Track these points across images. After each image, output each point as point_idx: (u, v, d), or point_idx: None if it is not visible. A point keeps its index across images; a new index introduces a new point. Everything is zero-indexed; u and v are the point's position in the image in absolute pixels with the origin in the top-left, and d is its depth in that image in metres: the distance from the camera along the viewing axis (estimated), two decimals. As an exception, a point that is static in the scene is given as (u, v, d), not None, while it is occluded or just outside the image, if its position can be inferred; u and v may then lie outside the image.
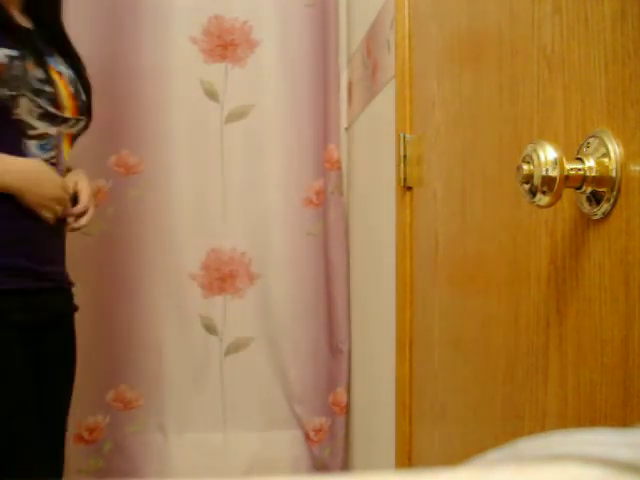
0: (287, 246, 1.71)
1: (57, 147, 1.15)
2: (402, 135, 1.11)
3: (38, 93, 1.09)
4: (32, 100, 1.08)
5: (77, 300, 1.28)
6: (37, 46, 1.13)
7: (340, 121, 1.73)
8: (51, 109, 1.11)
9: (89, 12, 1.63)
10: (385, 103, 1.30)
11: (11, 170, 1.08)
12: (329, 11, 1.69)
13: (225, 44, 1.71)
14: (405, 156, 1.10)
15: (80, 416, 1.61)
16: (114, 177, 1.65)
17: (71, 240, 1.28)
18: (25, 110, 1.07)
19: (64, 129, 1.16)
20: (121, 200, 1.66)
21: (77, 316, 1.29)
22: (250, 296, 1.72)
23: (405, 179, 1.11)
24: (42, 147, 1.12)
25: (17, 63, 1.06)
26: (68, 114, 1.16)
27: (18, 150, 1.09)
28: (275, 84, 1.72)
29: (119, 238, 1.66)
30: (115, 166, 1.66)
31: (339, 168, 1.71)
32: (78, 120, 1.20)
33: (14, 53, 1.05)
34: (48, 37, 1.20)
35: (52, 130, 1.13)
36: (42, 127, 1.11)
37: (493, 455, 0.24)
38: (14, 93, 1.05)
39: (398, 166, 1.12)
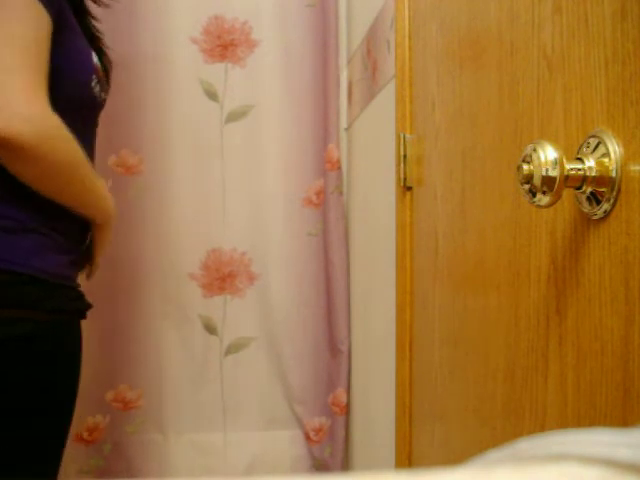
0: (287, 246, 1.71)
1: None
2: (402, 135, 1.11)
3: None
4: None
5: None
6: (102, 48, 1.14)
7: (340, 121, 1.73)
8: None
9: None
10: (385, 103, 1.30)
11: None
12: (329, 11, 1.69)
13: (225, 44, 1.71)
14: (405, 156, 1.10)
15: (80, 416, 1.61)
16: (114, 177, 1.65)
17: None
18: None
19: None
20: (121, 200, 1.65)
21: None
22: (250, 296, 1.72)
23: (405, 179, 1.11)
24: None
25: (102, 67, 1.07)
26: None
27: (94, 151, 1.10)
28: (275, 84, 1.72)
29: (119, 238, 1.66)
30: (115, 166, 1.66)
31: (339, 168, 1.71)
32: None
33: (97, 57, 1.06)
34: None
35: None
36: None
37: (493, 455, 0.24)
38: (105, 97, 1.08)
39: (398, 166, 1.12)
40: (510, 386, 0.69)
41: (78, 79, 0.99)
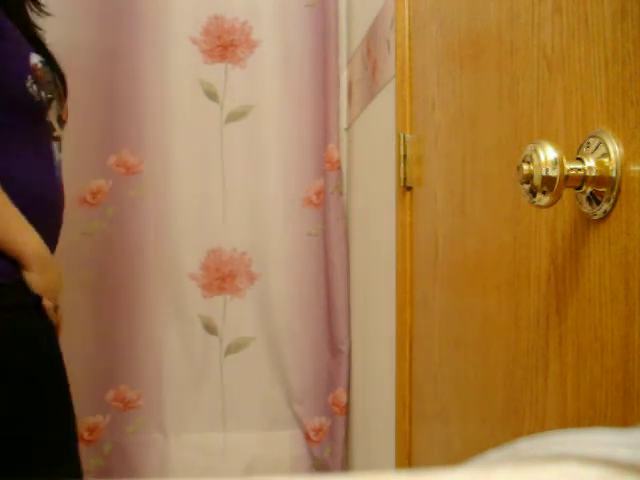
0: (287, 246, 1.71)
1: (60, 151, 1.16)
2: (402, 135, 1.11)
3: (59, 97, 1.11)
4: (57, 103, 1.10)
5: (76, 300, 1.27)
6: (48, 50, 1.14)
7: (340, 121, 1.73)
8: (60, 112, 1.13)
9: (88, 12, 1.63)
10: (385, 103, 1.29)
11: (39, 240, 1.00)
12: (329, 11, 1.69)
13: (225, 44, 1.71)
14: (405, 156, 1.11)
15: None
16: (114, 177, 1.65)
17: (71, 240, 1.27)
18: (52, 113, 1.09)
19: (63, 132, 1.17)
20: (121, 200, 1.66)
21: (77, 316, 1.28)
22: (250, 296, 1.72)
23: (405, 179, 1.11)
24: (59, 150, 1.12)
25: (47, 68, 1.07)
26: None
27: (47, 151, 1.09)
28: (275, 84, 1.72)
29: (119, 238, 1.66)
30: (115, 166, 1.66)
31: (339, 168, 1.71)
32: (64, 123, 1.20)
33: (42, 58, 1.06)
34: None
35: (61, 133, 1.14)
36: (58, 130, 1.13)
37: (493, 455, 0.24)
38: (50, 96, 1.08)
39: (398, 166, 1.12)
40: (510, 386, 0.69)
41: (11, 80, 1.01)
